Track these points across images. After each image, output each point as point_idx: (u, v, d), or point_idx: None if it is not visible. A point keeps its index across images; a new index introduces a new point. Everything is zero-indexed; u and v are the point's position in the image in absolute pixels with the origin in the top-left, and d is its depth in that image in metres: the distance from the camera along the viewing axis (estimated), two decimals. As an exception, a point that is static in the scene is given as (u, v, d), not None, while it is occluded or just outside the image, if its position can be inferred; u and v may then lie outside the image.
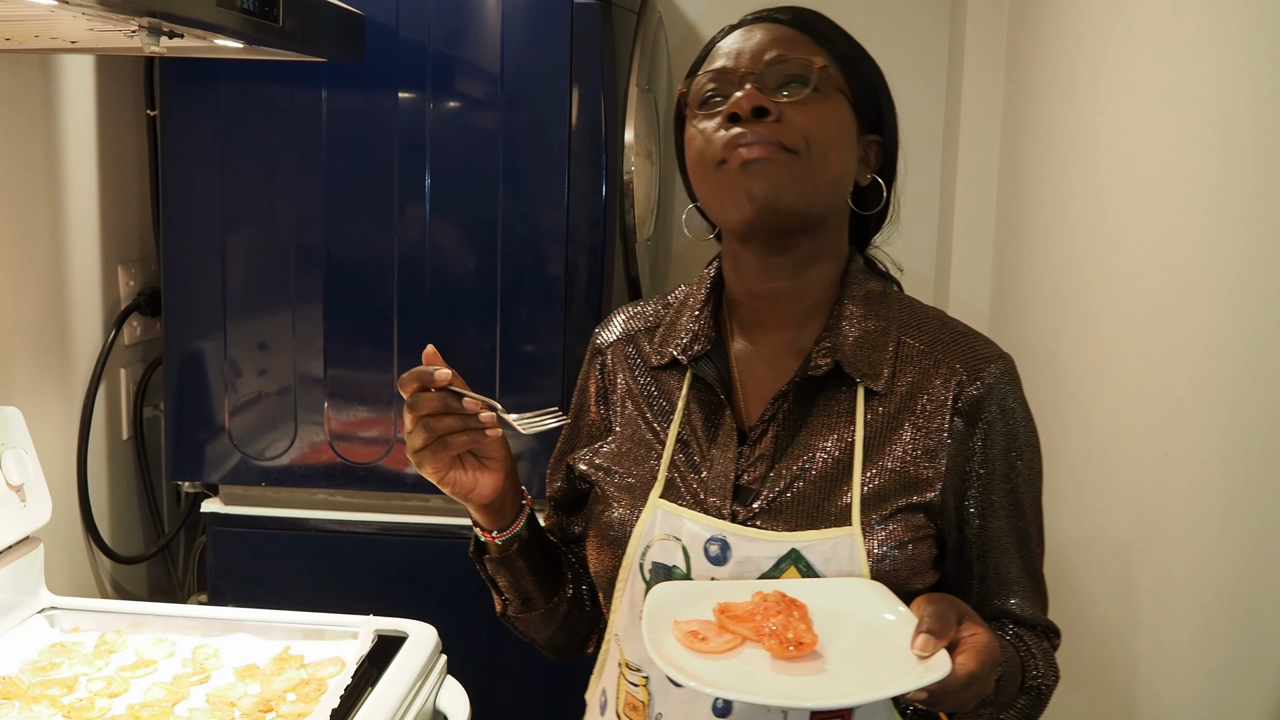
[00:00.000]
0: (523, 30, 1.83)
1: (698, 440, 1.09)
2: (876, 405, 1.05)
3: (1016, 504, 1.08)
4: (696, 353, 1.10)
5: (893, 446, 1.04)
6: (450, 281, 1.89)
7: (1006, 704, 1.04)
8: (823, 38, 1.07)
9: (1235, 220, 1.25)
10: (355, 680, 1.35)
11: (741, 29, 1.08)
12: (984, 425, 1.05)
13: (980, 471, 1.06)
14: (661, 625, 0.94)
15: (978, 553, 1.08)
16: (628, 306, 1.21)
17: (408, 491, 1.95)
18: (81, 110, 1.93)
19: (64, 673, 1.41)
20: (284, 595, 1.87)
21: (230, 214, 1.92)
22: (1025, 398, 1.09)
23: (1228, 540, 1.25)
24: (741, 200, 1.01)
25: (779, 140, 1.00)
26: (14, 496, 1.55)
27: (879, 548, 1.01)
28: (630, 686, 1.07)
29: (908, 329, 1.09)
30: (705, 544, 1.03)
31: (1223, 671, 1.26)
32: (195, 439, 1.97)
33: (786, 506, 1.03)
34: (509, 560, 1.13)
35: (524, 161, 1.86)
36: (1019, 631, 1.09)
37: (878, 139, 1.12)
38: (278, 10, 1.35)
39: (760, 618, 0.93)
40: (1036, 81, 2.06)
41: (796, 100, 1.02)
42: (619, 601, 1.08)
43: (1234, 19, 1.28)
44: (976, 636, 0.90)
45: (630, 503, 1.08)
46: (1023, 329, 2.08)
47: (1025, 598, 1.10)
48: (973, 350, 1.07)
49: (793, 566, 1.01)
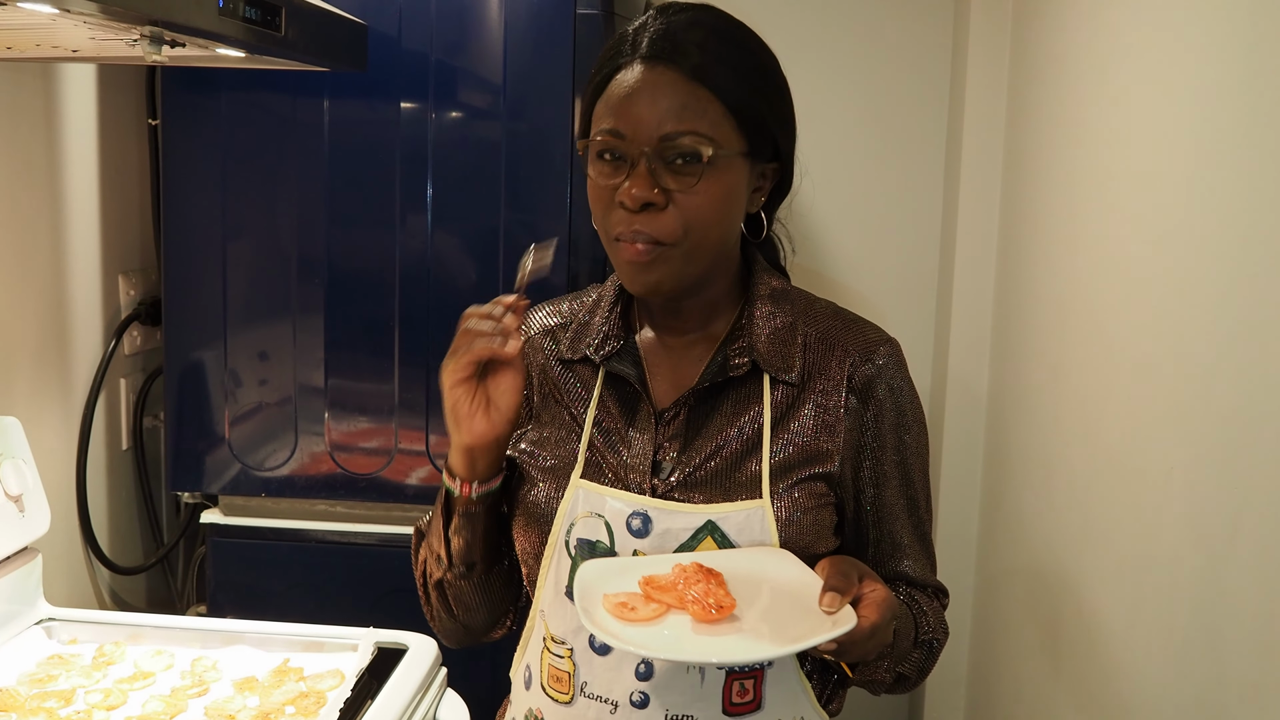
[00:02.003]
0: (525, 40, 1.83)
1: (615, 424, 1.16)
2: (781, 388, 1.15)
3: (906, 474, 1.18)
4: (608, 352, 1.18)
5: (796, 423, 1.14)
6: (452, 292, 1.88)
7: (902, 656, 1.14)
8: (720, 87, 1.07)
9: (1242, 233, 1.25)
10: (355, 693, 1.35)
11: (641, 66, 1.08)
12: (875, 402, 1.15)
13: (873, 444, 1.16)
14: (592, 598, 1.02)
15: (873, 519, 1.18)
16: (545, 304, 1.28)
17: (409, 503, 1.95)
18: (83, 119, 1.93)
19: (62, 685, 1.40)
20: (283, 607, 1.86)
21: (231, 223, 1.91)
22: (910, 378, 1.19)
23: (1233, 558, 1.24)
24: (629, 281, 1.11)
25: (656, 238, 1.07)
26: (12, 507, 1.54)
27: (786, 514, 1.10)
28: (554, 659, 1.14)
29: (806, 319, 1.18)
30: (628, 519, 1.11)
31: (1229, 689, 1.25)
32: (195, 449, 1.96)
33: (702, 480, 1.12)
34: (475, 517, 1.17)
35: (526, 172, 1.86)
36: (911, 592, 1.20)
37: (775, 165, 1.16)
38: (280, 20, 1.35)
39: (682, 587, 1.01)
40: (1040, 91, 2.06)
41: (685, 181, 1.06)
42: (544, 578, 1.15)
43: (1240, 27, 1.27)
44: (876, 592, 1.01)
45: (554, 483, 1.16)
46: (1026, 342, 2.08)
47: (916, 560, 1.20)
48: (863, 335, 1.18)
49: (709, 537, 1.10)
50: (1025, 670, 2.01)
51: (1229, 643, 1.26)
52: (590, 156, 1.11)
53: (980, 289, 2.34)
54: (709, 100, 1.07)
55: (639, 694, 1.10)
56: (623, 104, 1.08)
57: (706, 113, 1.06)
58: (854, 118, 2.49)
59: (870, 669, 1.12)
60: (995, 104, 2.29)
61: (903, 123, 2.49)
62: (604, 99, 1.10)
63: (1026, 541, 2.00)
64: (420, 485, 1.94)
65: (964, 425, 2.36)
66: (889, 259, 2.54)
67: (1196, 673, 1.33)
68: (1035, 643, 1.95)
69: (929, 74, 2.47)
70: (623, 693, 1.10)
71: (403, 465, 1.93)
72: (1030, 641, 1.98)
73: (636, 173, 1.06)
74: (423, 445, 1.92)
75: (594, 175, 1.10)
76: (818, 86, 2.46)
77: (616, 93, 1.09)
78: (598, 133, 1.09)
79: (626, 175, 1.07)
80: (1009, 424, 2.17)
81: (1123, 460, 1.55)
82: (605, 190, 1.09)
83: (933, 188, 2.49)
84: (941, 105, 2.47)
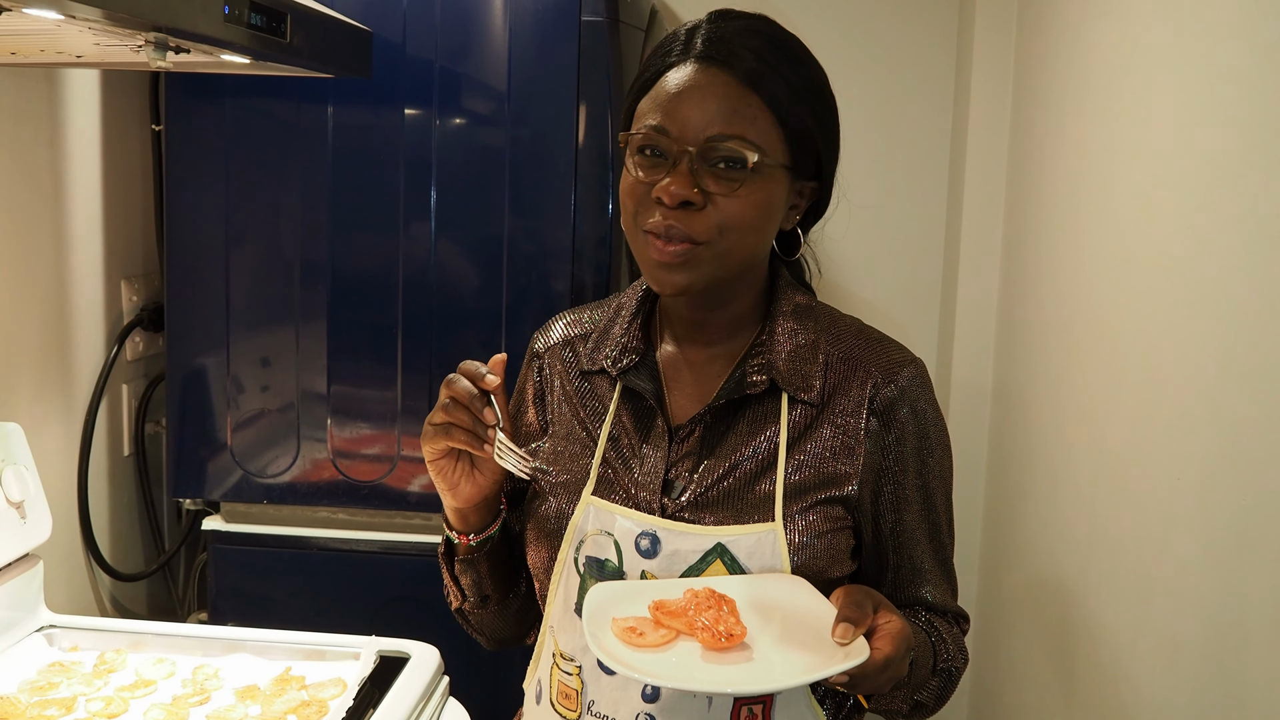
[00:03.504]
0: (529, 47, 1.83)
1: (629, 439, 1.15)
2: (799, 407, 1.12)
3: (928, 498, 1.15)
4: (625, 365, 1.16)
5: (813, 445, 1.11)
6: (455, 298, 1.88)
7: (920, 685, 1.12)
8: (772, 95, 1.06)
9: (1250, 235, 1.24)
10: (357, 702, 1.34)
11: (693, 66, 1.06)
12: (898, 425, 1.13)
13: (894, 468, 1.13)
14: (601, 622, 1.00)
15: (892, 544, 1.15)
16: (567, 313, 1.28)
17: (411, 510, 1.94)
18: (86, 125, 1.93)
19: (62, 693, 1.40)
20: (285, 614, 1.86)
21: (234, 229, 1.91)
22: (935, 399, 1.17)
23: (1242, 562, 1.24)
24: (656, 280, 1.09)
25: (691, 237, 1.05)
26: (14, 513, 1.54)
27: (799, 538, 1.08)
28: (564, 676, 1.13)
29: (830, 338, 1.16)
30: (636, 538, 1.09)
31: (1236, 695, 1.25)
32: (197, 455, 1.96)
33: (713, 500, 1.10)
34: (475, 563, 1.19)
35: (530, 178, 1.85)
36: (930, 618, 1.17)
37: (814, 185, 1.15)
38: (285, 26, 1.35)
39: (693, 613, 1.00)
40: (1044, 98, 2.06)
41: (726, 185, 1.05)
42: (554, 594, 1.14)
43: (1248, 31, 1.27)
44: (891, 623, 0.98)
45: (565, 498, 1.14)
46: (1030, 349, 2.07)
47: (937, 586, 1.18)
48: (886, 356, 1.15)
49: (719, 560, 1.08)
50: (1029, 681, 2.00)
51: (1236, 653, 1.25)
52: (630, 150, 1.09)
53: (984, 295, 2.34)
54: (759, 108, 1.05)
55: (645, 715, 1.08)
56: (672, 101, 1.06)
57: (756, 120, 1.05)
58: (858, 123, 2.48)
59: (887, 698, 1.10)
60: (1000, 110, 2.29)
61: (907, 128, 2.49)
62: (651, 95, 1.08)
63: (1031, 551, 1.99)
64: (423, 492, 1.93)
65: (968, 433, 2.35)
66: (893, 264, 2.53)
67: (1203, 685, 1.32)
68: (1040, 653, 1.94)
69: (933, 80, 2.47)
70: (629, 713, 1.09)
71: (405, 472, 1.93)
72: (1035, 652, 1.97)
73: (678, 171, 1.04)
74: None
75: (632, 170, 1.08)
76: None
77: (666, 90, 1.07)
78: (642, 127, 1.07)
79: (667, 172, 1.05)
80: (1013, 432, 2.17)
81: (1129, 469, 1.55)
82: (642, 186, 1.07)
83: (937, 193, 2.49)
84: (946, 111, 2.47)
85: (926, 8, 2.46)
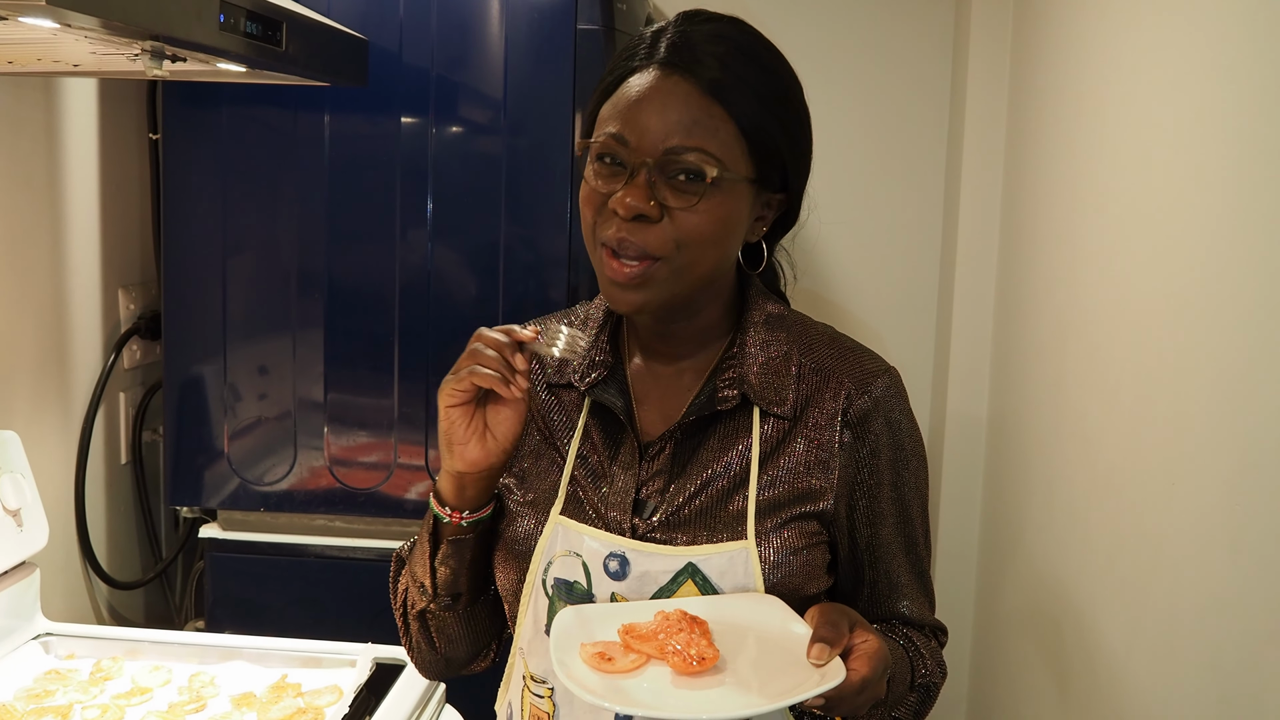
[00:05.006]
0: (526, 56, 1.84)
1: (598, 456, 1.10)
2: (771, 421, 1.08)
3: (903, 511, 1.12)
4: (593, 380, 1.11)
5: (786, 459, 1.07)
6: (452, 306, 1.88)
7: (897, 701, 1.09)
8: (736, 106, 1.02)
9: (1245, 246, 1.25)
10: (353, 709, 1.34)
11: (655, 72, 1.02)
12: (871, 437, 1.09)
13: (869, 481, 1.09)
14: (569, 647, 0.97)
15: (868, 558, 1.12)
16: (531, 323, 1.20)
17: (408, 517, 1.94)
18: (83, 133, 1.93)
19: (59, 700, 1.40)
20: (282, 622, 1.86)
21: (231, 238, 1.91)
22: (910, 409, 1.13)
23: (1235, 574, 1.24)
24: (611, 298, 1.05)
25: (647, 251, 1.01)
26: (11, 521, 1.54)
27: (774, 555, 1.04)
28: (535, 699, 1.09)
29: (802, 347, 1.11)
30: (605, 560, 1.05)
31: (1230, 705, 1.25)
32: (194, 464, 1.96)
33: (685, 520, 1.06)
34: (464, 546, 1.10)
35: (526, 186, 1.86)
36: (908, 633, 1.14)
37: (781, 196, 1.10)
38: (281, 35, 1.35)
39: (664, 636, 0.96)
40: (1040, 107, 2.06)
41: (685, 199, 1.00)
42: (523, 615, 1.10)
43: (1244, 35, 1.28)
44: (868, 643, 0.95)
45: (533, 518, 1.10)
46: (1026, 362, 2.07)
47: (914, 600, 1.15)
48: (860, 365, 1.11)
49: (690, 580, 1.04)
50: (1026, 691, 2.00)
51: (1231, 666, 1.25)
52: (589, 158, 1.05)
53: (980, 308, 2.34)
54: (722, 119, 1.01)
55: None
56: (631, 109, 1.01)
57: (718, 132, 1.01)
58: (853, 132, 2.49)
59: (864, 718, 1.06)
60: (995, 120, 2.29)
61: (902, 139, 2.49)
62: (612, 101, 1.04)
63: (1027, 563, 1.99)
64: (419, 500, 1.93)
65: (964, 445, 2.35)
66: (887, 279, 2.53)
67: (1199, 696, 1.32)
68: (1036, 666, 1.94)
69: (929, 88, 2.47)
70: None
71: (402, 480, 1.93)
72: (1032, 665, 1.97)
73: (635, 182, 1.00)
74: (422, 460, 1.92)
75: (591, 178, 1.04)
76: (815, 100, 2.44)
77: (626, 96, 1.02)
78: (600, 135, 1.03)
79: (624, 183, 1.01)
80: (1009, 444, 2.17)
81: (1124, 479, 1.55)
82: (599, 196, 1.03)
83: (932, 206, 2.49)
84: (941, 120, 2.47)
85: (922, 11, 2.46)
